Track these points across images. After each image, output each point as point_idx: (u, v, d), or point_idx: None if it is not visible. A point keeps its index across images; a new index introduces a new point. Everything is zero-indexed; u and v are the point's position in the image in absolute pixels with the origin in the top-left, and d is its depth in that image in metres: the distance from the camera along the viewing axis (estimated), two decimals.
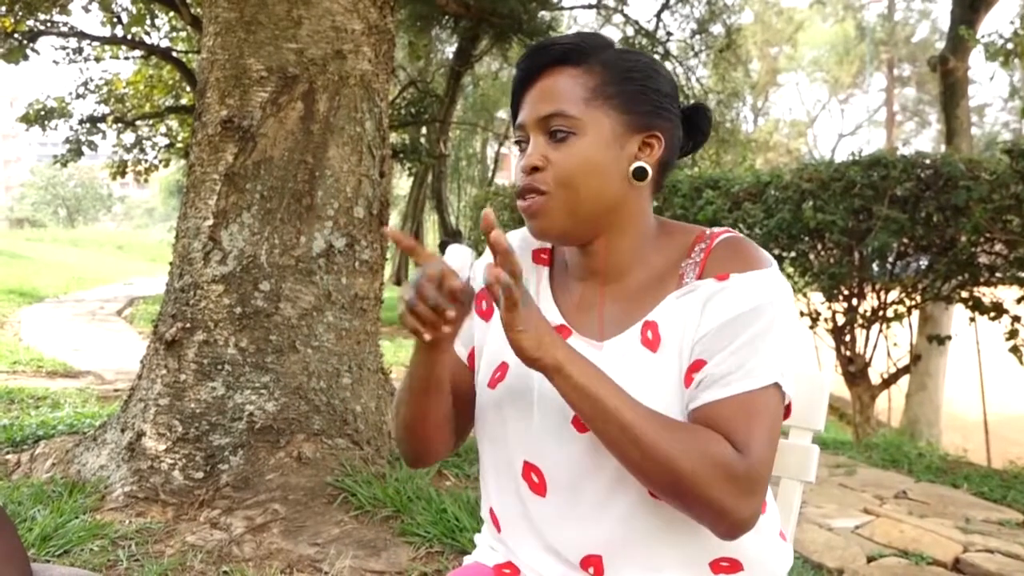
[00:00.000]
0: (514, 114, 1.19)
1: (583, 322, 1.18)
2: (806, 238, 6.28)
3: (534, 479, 1.17)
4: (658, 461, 1.00)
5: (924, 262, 6.26)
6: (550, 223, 1.13)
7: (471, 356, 1.27)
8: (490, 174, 26.98)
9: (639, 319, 1.13)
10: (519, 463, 1.18)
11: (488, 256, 1.25)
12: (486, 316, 1.26)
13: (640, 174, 1.12)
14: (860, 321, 6.50)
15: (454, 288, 0.99)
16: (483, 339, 1.25)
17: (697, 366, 1.07)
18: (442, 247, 14.61)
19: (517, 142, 1.18)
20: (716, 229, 1.17)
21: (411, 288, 0.99)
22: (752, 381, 1.04)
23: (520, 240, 1.27)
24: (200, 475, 3.16)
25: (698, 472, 0.99)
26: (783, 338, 1.07)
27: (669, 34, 16.82)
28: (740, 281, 1.08)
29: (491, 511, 1.25)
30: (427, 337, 1.00)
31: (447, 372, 1.16)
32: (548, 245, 1.27)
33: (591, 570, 1.15)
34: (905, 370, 6.93)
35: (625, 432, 1.00)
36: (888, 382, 6.92)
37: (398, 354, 8.75)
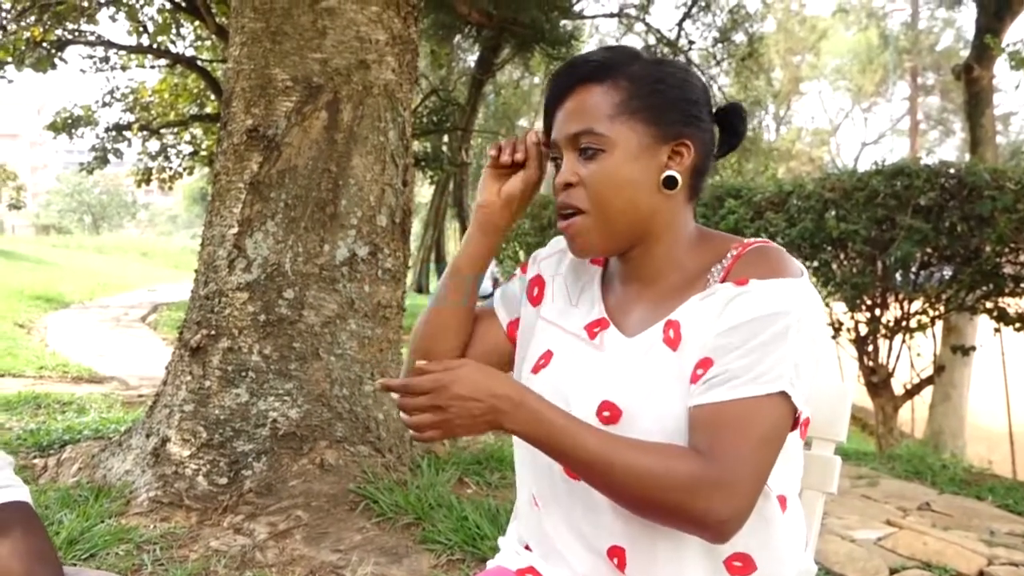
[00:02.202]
0: (547, 131, 1.23)
1: (621, 318, 1.22)
2: (828, 248, 6.26)
3: None
4: (624, 494, 1.05)
5: (948, 272, 6.23)
6: (588, 243, 1.19)
7: (511, 324, 1.36)
8: None
9: (663, 317, 1.16)
10: None
11: (547, 250, 1.38)
12: (535, 302, 1.33)
13: (670, 183, 1.15)
14: (883, 331, 6.47)
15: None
16: (531, 325, 1.32)
17: (704, 364, 1.09)
18: None
19: (552, 159, 1.22)
20: (753, 239, 1.19)
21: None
22: (757, 387, 1.05)
23: None
24: (224, 481, 3.19)
25: (666, 497, 1.02)
26: (798, 348, 1.07)
27: (691, 43, 16.81)
28: (759, 287, 1.09)
29: (532, 496, 1.28)
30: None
31: (488, 262, 1.32)
32: None
33: (615, 561, 1.16)
34: (929, 381, 6.89)
35: (589, 469, 1.05)
36: (911, 393, 6.88)
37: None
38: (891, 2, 36.69)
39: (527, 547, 1.31)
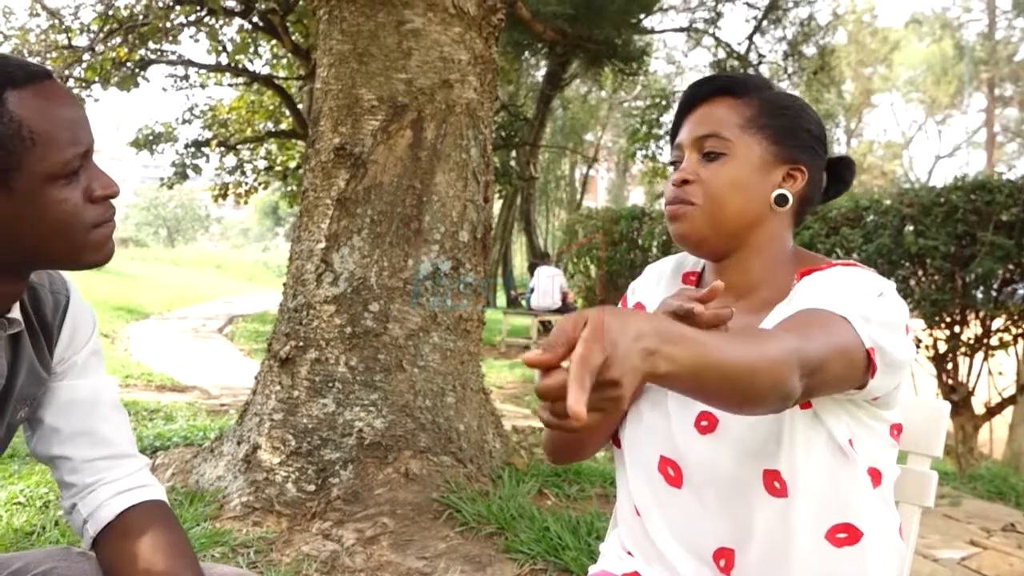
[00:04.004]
0: (673, 136, 1.30)
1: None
2: (907, 264, 6.18)
3: (670, 472, 1.26)
4: (758, 392, 0.94)
5: None
6: (689, 228, 1.23)
7: None
8: (578, 196, 27.09)
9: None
10: (656, 457, 1.27)
11: (642, 279, 1.42)
12: None
13: (781, 200, 1.23)
14: (963, 349, 6.35)
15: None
16: None
17: None
18: (531, 269, 14.75)
19: (672, 162, 1.29)
20: (842, 260, 1.23)
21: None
22: (824, 305, 1.07)
23: (673, 265, 1.41)
24: (312, 488, 3.29)
25: (780, 382, 0.95)
26: (874, 309, 1.08)
27: (761, 56, 16.66)
28: (836, 268, 1.17)
29: (633, 505, 1.33)
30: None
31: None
32: (698, 269, 1.38)
33: (722, 563, 1.21)
34: (1011, 400, 6.73)
35: (732, 388, 0.93)
36: (993, 412, 6.73)
37: (489, 374, 8.86)
38: (966, 12, 35.82)
39: (629, 553, 1.36)
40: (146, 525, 1.27)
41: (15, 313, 1.17)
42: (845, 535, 1.18)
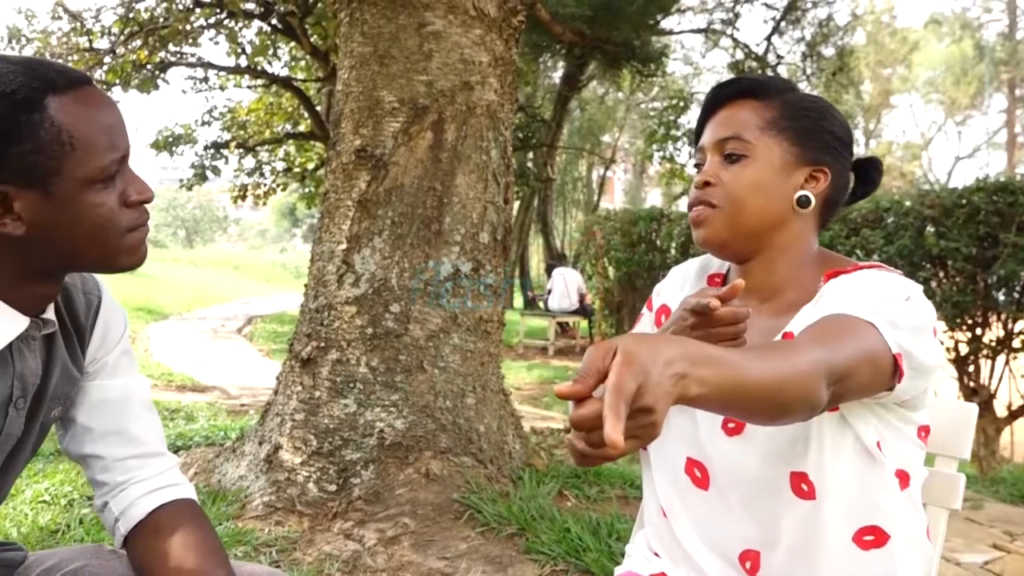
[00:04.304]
0: (696, 138, 1.31)
1: None
2: (928, 265, 6.13)
3: (697, 474, 1.26)
4: (786, 405, 0.95)
5: None
6: (713, 232, 1.24)
7: None
8: (595, 198, 27.06)
9: (780, 331, 1.22)
10: (682, 459, 1.28)
11: (667, 281, 1.42)
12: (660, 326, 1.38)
13: (804, 202, 1.23)
14: (985, 351, 6.30)
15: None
16: None
17: None
18: (548, 270, 14.75)
19: (696, 165, 1.30)
20: (870, 262, 1.23)
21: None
22: (851, 310, 1.08)
23: (698, 267, 1.41)
24: (333, 488, 3.31)
25: (808, 394, 0.95)
26: (900, 313, 1.08)
27: (780, 57, 16.59)
28: (862, 271, 1.17)
29: (660, 506, 1.33)
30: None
31: None
32: (723, 271, 1.38)
33: (748, 565, 1.21)
34: None
35: (761, 405, 0.94)
36: (1015, 415, 6.67)
37: (506, 375, 8.86)
38: (986, 12, 35.58)
39: (655, 554, 1.37)
40: (177, 523, 1.28)
41: (49, 314, 1.19)
42: (872, 537, 1.18)
